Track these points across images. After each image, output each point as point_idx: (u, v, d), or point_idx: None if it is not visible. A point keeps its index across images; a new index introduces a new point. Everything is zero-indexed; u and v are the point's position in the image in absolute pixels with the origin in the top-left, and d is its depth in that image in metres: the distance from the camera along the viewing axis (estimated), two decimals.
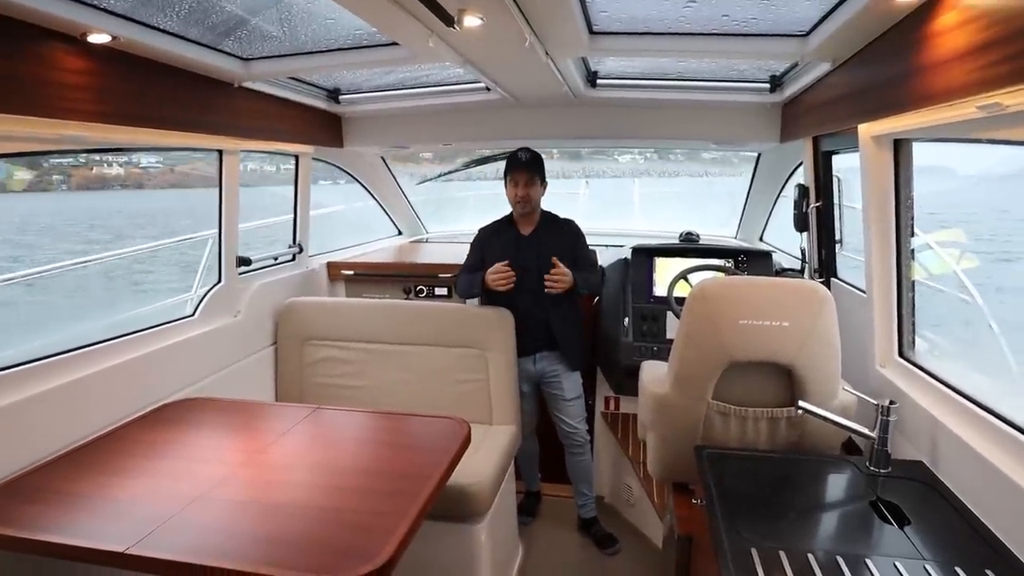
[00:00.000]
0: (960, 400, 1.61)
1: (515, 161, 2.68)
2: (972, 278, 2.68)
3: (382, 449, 1.91)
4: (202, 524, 1.43)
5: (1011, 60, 1.14)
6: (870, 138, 1.92)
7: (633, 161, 8.53)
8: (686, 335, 1.84)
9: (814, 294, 1.76)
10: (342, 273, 3.46)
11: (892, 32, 1.67)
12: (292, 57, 2.25)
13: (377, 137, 3.35)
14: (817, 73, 2.23)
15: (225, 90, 2.32)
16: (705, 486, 1.57)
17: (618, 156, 8.15)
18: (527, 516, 3.09)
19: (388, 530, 1.37)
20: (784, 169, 3.33)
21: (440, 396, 2.71)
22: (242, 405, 2.22)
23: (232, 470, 1.68)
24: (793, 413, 1.82)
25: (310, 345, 2.87)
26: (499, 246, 2.75)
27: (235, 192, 2.60)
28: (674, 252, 3.13)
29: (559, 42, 2.01)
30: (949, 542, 1.34)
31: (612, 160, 8.38)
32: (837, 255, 2.67)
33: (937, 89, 1.43)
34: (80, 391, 1.91)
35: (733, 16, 1.85)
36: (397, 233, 4.51)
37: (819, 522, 1.46)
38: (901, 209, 1.94)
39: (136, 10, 1.69)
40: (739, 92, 2.83)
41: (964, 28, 1.31)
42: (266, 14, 1.86)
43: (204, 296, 2.60)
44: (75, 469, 1.68)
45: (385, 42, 2.09)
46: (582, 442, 2.86)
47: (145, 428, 1.96)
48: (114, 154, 2.14)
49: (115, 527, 1.41)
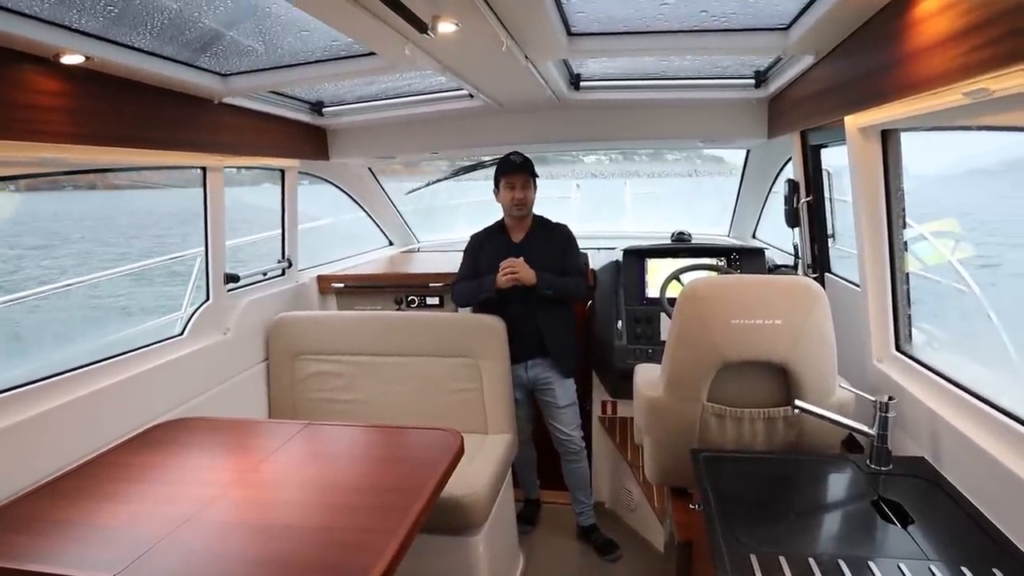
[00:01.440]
0: (960, 393, 1.57)
1: (509, 164, 2.66)
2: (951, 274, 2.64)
3: (374, 464, 1.87)
4: (191, 548, 1.40)
5: (995, 44, 1.11)
6: (857, 130, 1.89)
7: (599, 162, 8.53)
8: (678, 336, 1.81)
9: (805, 291, 1.74)
10: (332, 286, 3.44)
11: (873, 21, 1.65)
12: (271, 71, 2.23)
13: (362, 148, 3.34)
14: (801, 67, 2.21)
15: (206, 107, 2.30)
16: (702, 490, 1.54)
17: (583, 157, 8.16)
18: (527, 525, 3.05)
19: (379, 547, 1.34)
20: (773, 165, 3.31)
21: (434, 406, 2.68)
22: (232, 423, 2.19)
23: (222, 491, 1.64)
24: (790, 413, 1.79)
25: (302, 360, 2.84)
26: (491, 253, 2.73)
27: (221, 209, 2.57)
28: (666, 253, 3.11)
29: (537, 45, 1.99)
30: (954, 541, 1.31)
31: (578, 162, 8.36)
32: (830, 249, 2.65)
33: (921, 77, 1.40)
34: (67, 416, 1.88)
35: (712, 12, 1.84)
36: (388, 244, 4.49)
37: (820, 524, 1.43)
38: (892, 201, 1.91)
39: (108, 29, 1.67)
40: (724, 89, 2.81)
41: (945, 13, 1.29)
42: (241, 28, 1.84)
43: (192, 315, 2.57)
44: (62, 496, 1.65)
45: (363, 52, 2.08)
46: (577, 449, 2.82)
47: (134, 451, 1.93)
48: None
49: (103, 554, 1.38)
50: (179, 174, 2.48)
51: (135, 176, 23.22)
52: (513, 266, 2.58)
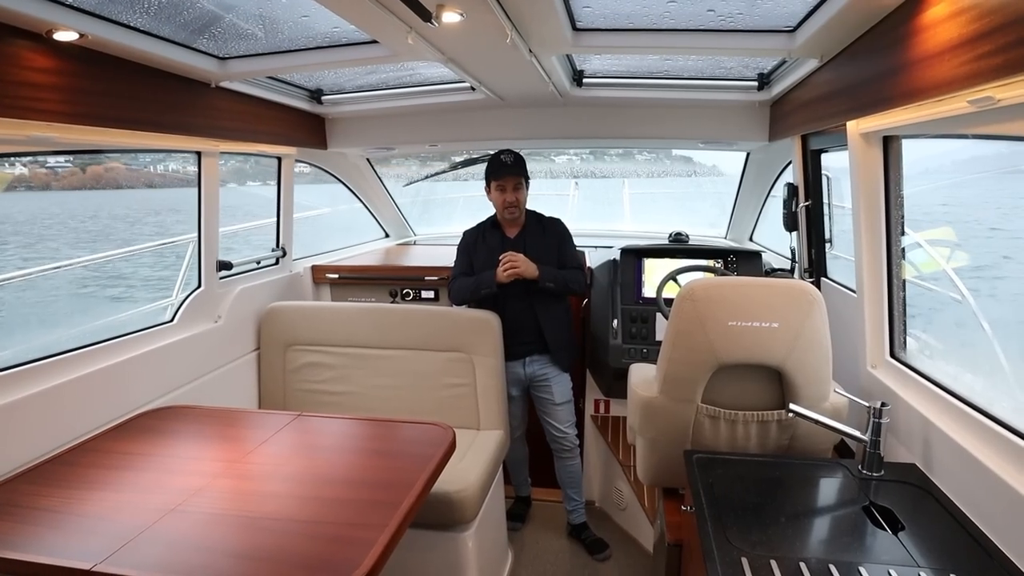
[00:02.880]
0: (952, 401, 1.57)
1: (500, 165, 2.62)
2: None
3: (364, 457, 1.85)
4: (174, 539, 1.37)
5: (1004, 51, 1.10)
6: (859, 135, 1.89)
7: (569, 162, 8.53)
8: (674, 337, 1.80)
9: (804, 295, 1.73)
10: (327, 277, 3.41)
11: (880, 27, 1.64)
12: (270, 56, 2.19)
13: (361, 138, 3.30)
14: (805, 70, 2.20)
15: (202, 90, 2.26)
16: (694, 492, 1.53)
17: (555, 157, 8.17)
18: (517, 522, 3.05)
19: (367, 542, 1.32)
20: (773, 168, 3.31)
21: (426, 401, 2.66)
22: (221, 413, 2.16)
23: (208, 481, 1.62)
24: (784, 416, 1.79)
25: (293, 350, 2.81)
26: (485, 250, 2.71)
27: (215, 194, 2.54)
28: (663, 253, 3.10)
29: (542, 39, 1.97)
30: (944, 548, 1.31)
31: (549, 160, 8.35)
32: (827, 255, 2.64)
33: (926, 84, 1.40)
34: (52, 401, 1.85)
35: (718, 11, 1.82)
36: (384, 236, 4.46)
37: (811, 528, 1.43)
38: (891, 207, 1.91)
39: (104, 6, 1.64)
40: (727, 90, 2.80)
41: (954, 20, 1.28)
42: (240, 11, 1.81)
43: (183, 301, 2.54)
44: (44, 483, 1.62)
45: (364, 40, 2.05)
46: (571, 447, 2.81)
47: (119, 438, 1.90)
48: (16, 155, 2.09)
49: (82, 543, 1.35)
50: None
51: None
52: (514, 260, 2.55)
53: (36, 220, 25.98)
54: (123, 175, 34.25)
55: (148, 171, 31.82)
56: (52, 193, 33.66)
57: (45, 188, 33.61)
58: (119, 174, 33.43)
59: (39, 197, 33.41)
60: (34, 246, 19.49)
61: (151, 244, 4.00)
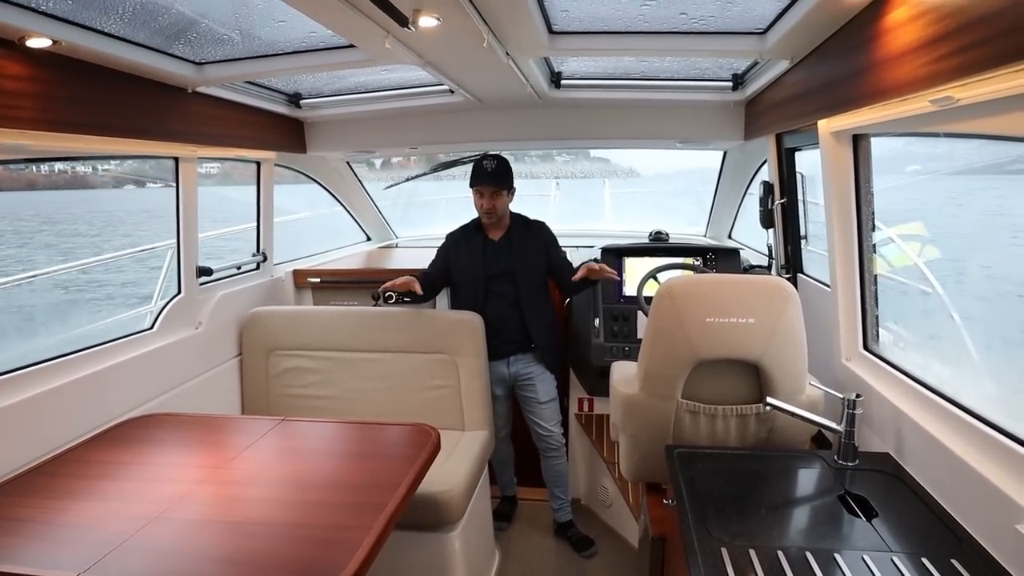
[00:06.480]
0: (923, 391, 1.62)
1: (480, 172, 2.63)
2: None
3: (348, 460, 1.86)
4: (158, 547, 1.37)
5: (961, 53, 1.15)
6: (829, 134, 1.94)
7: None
8: (654, 334, 1.83)
9: (778, 291, 1.77)
10: (309, 281, 3.39)
11: (846, 29, 1.69)
12: (247, 61, 2.19)
13: (341, 142, 3.30)
14: (777, 71, 2.25)
15: (179, 95, 2.25)
16: (676, 486, 1.56)
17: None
18: (503, 521, 3.06)
19: (353, 544, 1.33)
20: (750, 167, 3.37)
21: (410, 403, 2.66)
22: (204, 419, 2.15)
23: (192, 488, 1.61)
24: (762, 410, 1.83)
25: (276, 355, 2.80)
26: (466, 252, 2.72)
27: (193, 200, 2.52)
28: (644, 252, 3.14)
29: (519, 42, 1.99)
30: (916, 533, 1.35)
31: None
32: (803, 251, 2.70)
33: (890, 84, 1.44)
34: (31, 411, 1.82)
35: (691, 14, 1.86)
36: (366, 239, 4.45)
37: (789, 518, 1.46)
38: (862, 203, 1.96)
39: (77, 13, 1.62)
40: (702, 91, 2.85)
41: (915, 23, 1.32)
42: (216, 16, 1.80)
43: (163, 308, 2.51)
44: (24, 493, 1.60)
45: (342, 44, 2.05)
46: (557, 445, 2.83)
47: (101, 447, 1.88)
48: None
49: (66, 553, 1.34)
50: None
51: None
52: (604, 267, 2.51)
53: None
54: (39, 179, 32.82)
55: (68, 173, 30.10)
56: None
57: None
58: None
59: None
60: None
61: (127, 251, 3.94)
